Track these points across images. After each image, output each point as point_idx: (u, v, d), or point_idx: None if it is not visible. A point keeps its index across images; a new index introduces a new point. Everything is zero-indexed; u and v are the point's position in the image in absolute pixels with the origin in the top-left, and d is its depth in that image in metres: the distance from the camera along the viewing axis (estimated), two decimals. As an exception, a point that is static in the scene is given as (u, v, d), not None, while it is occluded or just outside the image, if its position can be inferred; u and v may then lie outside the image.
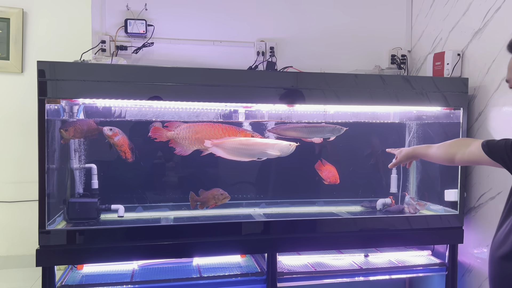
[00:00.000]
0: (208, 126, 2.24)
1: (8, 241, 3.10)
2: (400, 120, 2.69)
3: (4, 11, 3.08)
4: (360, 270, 2.35)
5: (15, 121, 3.08)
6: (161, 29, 2.68)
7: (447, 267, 2.41)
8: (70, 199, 2.27)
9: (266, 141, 2.29)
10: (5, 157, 3.01)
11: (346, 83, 2.22)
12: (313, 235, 2.23)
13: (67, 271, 2.22)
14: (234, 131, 2.24)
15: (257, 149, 2.25)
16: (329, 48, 2.92)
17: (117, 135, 2.21)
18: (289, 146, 2.27)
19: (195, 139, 2.20)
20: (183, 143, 2.21)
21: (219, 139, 2.22)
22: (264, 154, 2.26)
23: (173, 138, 2.20)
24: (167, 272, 2.25)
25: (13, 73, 3.12)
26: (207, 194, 2.32)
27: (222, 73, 2.14)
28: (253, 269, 2.28)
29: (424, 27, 2.87)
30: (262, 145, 2.26)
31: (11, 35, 3.13)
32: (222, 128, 2.24)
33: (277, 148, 2.25)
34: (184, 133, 2.20)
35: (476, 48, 2.41)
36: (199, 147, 2.22)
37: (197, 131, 2.21)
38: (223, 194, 2.31)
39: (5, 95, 3.05)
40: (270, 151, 2.25)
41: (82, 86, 1.89)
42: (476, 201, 2.40)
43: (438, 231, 2.36)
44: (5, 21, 3.14)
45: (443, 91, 2.31)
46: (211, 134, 2.21)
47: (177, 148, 2.23)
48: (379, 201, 2.64)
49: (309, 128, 2.41)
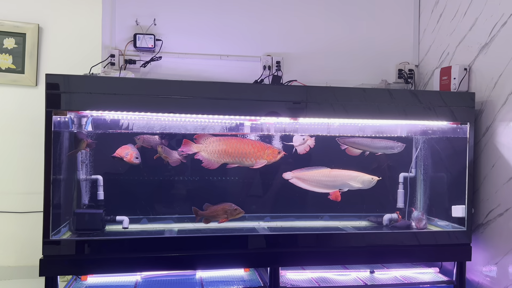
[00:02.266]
0: (237, 141, 2.26)
1: (18, 251, 3.13)
2: (407, 134, 2.66)
3: (21, 27, 3.18)
4: (365, 286, 2.31)
5: (28, 133, 3.14)
6: (169, 44, 2.73)
7: (454, 285, 2.36)
8: (75, 210, 2.30)
9: (348, 174, 2.37)
10: (17, 168, 3.06)
11: (353, 97, 2.22)
12: (317, 250, 2.20)
13: (71, 281, 2.23)
14: (262, 146, 2.27)
15: (339, 181, 2.35)
16: (335, 63, 2.94)
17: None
18: (371, 179, 2.35)
19: (224, 153, 2.22)
20: (211, 157, 2.23)
21: (300, 170, 2.33)
22: (346, 185, 2.36)
23: (200, 151, 2.23)
24: (170, 285, 2.25)
25: (28, 86, 3.20)
26: (216, 209, 2.28)
27: (229, 87, 2.16)
28: (256, 283, 2.26)
29: (431, 42, 2.87)
30: (344, 177, 2.36)
31: (26, 50, 3.22)
32: (251, 143, 2.27)
33: (359, 181, 2.35)
34: (212, 147, 2.23)
35: (483, 63, 2.39)
36: (227, 161, 2.24)
37: (226, 145, 2.23)
38: (237, 209, 2.26)
39: (19, 108, 3.12)
40: (352, 183, 2.34)
41: (89, 99, 1.93)
42: (484, 217, 2.35)
43: (446, 248, 2.32)
44: (21, 36, 3.24)
45: (450, 105, 2.29)
46: (239, 148, 2.24)
47: (204, 161, 2.24)
48: (385, 216, 2.61)
49: (376, 143, 2.48)
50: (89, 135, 2.27)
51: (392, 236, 2.31)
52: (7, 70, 3.10)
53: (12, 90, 3.13)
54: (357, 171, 2.40)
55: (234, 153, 2.23)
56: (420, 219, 2.48)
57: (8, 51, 3.14)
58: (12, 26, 3.11)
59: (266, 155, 2.26)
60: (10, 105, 3.04)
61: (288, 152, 2.37)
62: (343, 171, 2.38)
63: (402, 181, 2.69)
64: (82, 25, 3.16)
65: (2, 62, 3.14)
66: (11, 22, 3.09)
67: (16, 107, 3.10)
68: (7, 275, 3.12)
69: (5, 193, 3.04)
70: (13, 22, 3.09)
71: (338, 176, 2.35)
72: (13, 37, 3.17)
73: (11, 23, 3.09)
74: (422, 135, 2.65)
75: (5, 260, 3.09)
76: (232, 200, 2.40)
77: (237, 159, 2.25)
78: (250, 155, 2.25)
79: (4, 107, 3.01)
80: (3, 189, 3.00)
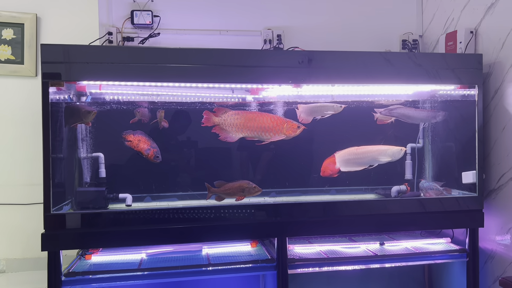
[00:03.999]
0: (255, 115, 2.23)
1: (24, 243, 3.10)
2: (414, 99, 2.59)
3: (19, 17, 3.14)
4: (375, 256, 2.25)
5: (29, 124, 3.10)
6: (167, 20, 2.68)
7: (467, 253, 2.29)
8: (77, 188, 2.26)
9: (376, 149, 2.33)
10: (20, 159, 3.02)
11: (350, 62, 2.16)
12: (324, 219, 2.15)
13: (76, 260, 2.19)
14: (281, 121, 2.22)
15: (369, 157, 2.32)
16: (337, 35, 2.87)
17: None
18: (400, 151, 2.31)
19: (242, 127, 2.19)
20: (229, 130, 2.19)
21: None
22: (376, 161, 2.32)
23: (219, 124, 2.19)
24: (175, 261, 2.20)
25: (27, 77, 3.16)
26: (232, 186, 2.20)
27: (232, 54, 2.10)
28: (264, 256, 2.22)
29: (435, 9, 2.80)
30: (373, 153, 2.31)
31: (25, 40, 3.18)
32: (270, 117, 2.22)
33: (388, 154, 2.31)
34: (231, 120, 2.19)
35: (489, 24, 2.32)
36: (245, 135, 2.21)
37: (245, 119, 2.20)
38: (256, 187, 2.20)
39: (19, 98, 3.07)
40: (382, 157, 2.30)
41: (86, 68, 1.89)
42: (496, 182, 2.29)
43: (457, 215, 2.25)
44: (19, 27, 3.20)
45: (456, 68, 2.22)
46: (257, 122, 2.20)
47: (221, 135, 2.21)
48: (393, 188, 2.54)
49: (419, 112, 2.46)
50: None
51: (400, 204, 2.25)
52: (7, 61, 3.06)
53: (12, 81, 3.09)
54: (382, 145, 2.36)
55: (252, 127, 2.20)
56: (436, 190, 2.40)
57: (7, 42, 3.11)
58: (10, 17, 3.07)
59: (285, 130, 2.22)
60: (10, 96, 3.00)
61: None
62: (369, 147, 2.33)
63: (409, 152, 2.62)
64: (80, 10, 3.12)
65: (2, 53, 3.09)
66: (8, 13, 3.05)
67: (17, 98, 3.06)
68: (14, 267, 3.09)
69: (9, 185, 3.01)
70: (10, 13, 3.05)
71: (366, 152, 2.32)
72: (11, 28, 3.13)
73: (9, 14, 3.05)
74: (429, 101, 2.58)
75: (11, 252, 3.05)
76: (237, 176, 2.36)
77: (255, 133, 2.21)
78: (269, 129, 2.21)
79: (4, 98, 2.98)
80: (7, 181, 2.97)
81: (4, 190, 2.87)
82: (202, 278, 2.26)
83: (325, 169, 2.36)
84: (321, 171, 2.38)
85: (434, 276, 2.69)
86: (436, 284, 2.66)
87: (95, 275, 2.01)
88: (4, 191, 2.86)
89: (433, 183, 2.44)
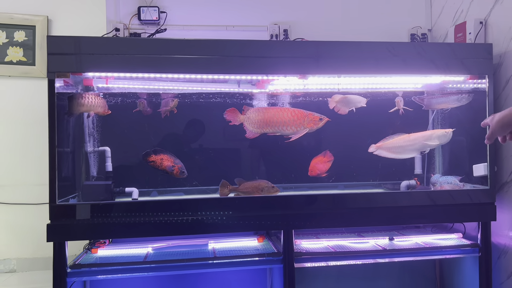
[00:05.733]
0: (276, 110, 2.23)
1: (35, 243, 3.11)
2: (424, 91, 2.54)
3: (30, 19, 3.19)
4: (384, 251, 2.21)
5: (40, 124, 3.12)
6: (173, 16, 2.69)
7: (480, 248, 2.23)
8: (84, 182, 2.26)
9: (423, 134, 2.34)
10: (31, 160, 3.05)
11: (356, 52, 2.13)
12: (331, 211, 2.11)
13: (82, 254, 2.20)
14: (302, 114, 2.21)
15: (419, 143, 2.32)
16: (345, 30, 2.85)
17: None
18: (446, 133, 2.30)
19: (263, 123, 2.20)
20: (252, 127, 2.21)
21: (382, 141, 2.33)
22: (425, 146, 2.33)
23: (243, 121, 2.22)
24: (181, 255, 2.18)
25: (39, 78, 3.20)
26: (251, 185, 2.19)
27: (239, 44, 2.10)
28: (270, 250, 2.19)
29: (444, 2, 2.76)
30: (422, 138, 2.32)
31: (36, 42, 3.22)
32: (291, 111, 2.22)
33: (435, 138, 2.31)
34: (253, 117, 2.20)
35: (499, 14, 2.28)
36: (267, 131, 2.22)
37: (266, 115, 2.21)
38: (274, 187, 2.19)
39: (31, 99, 3.11)
40: (431, 142, 2.31)
41: (90, 60, 1.89)
42: (509, 175, 2.23)
43: (469, 208, 2.20)
44: (31, 29, 3.25)
45: (463, 58, 2.18)
46: (278, 117, 2.20)
47: (247, 131, 2.23)
48: (403, 183, 2.50)
49: (449, 97, 2.43)
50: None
51: (410, 197, 2.20)
52: (19, 63, 3.10)
53: (24, 82, 3.12)
54: (428, 131, 2.39)
55: (273, 122, 2.20)
56: (455, 184, 2.34)
57: (19, 44, 3.15)
58: (22, 19, 3.11)
59: (306, 123, 2.20)
60: (22, 97, 3.04)
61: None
62: (418, 133, 2.34)
63: (419, 146, 2.57)
64: (88, 11, 3.15)
65: (14, 55, 3.14)
66: (20, 15, 3.09)
67: (28, 99, 3.10)
68: (24, 267, 3.10)
69: (20, 185, 3.03)
70: (22, 15, 3.10)
71: (417, 139, 2.32)
72: (23, 30, 3.18)
73: (21, 16, 3.10)
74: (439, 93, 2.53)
75: (22, 252, 3.07)
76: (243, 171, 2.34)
77: (277, 128, 2.21)
78: (290, 123, 2.20)
79: (16, 99, 3.02)
80: (18, 181, 2.99)
81: (16, 190, 2.90)
82: (207, 271, 2.24)
83: (313, 168, 2.32)
84: (309, 170, 2.34)
85: (445, 273, 2.63)
86: (448, 281, 2.59)
87: (101, 267, 2.00)
88: (15, 191, 2.89)
89: (452, 177, 2.38)
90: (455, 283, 2.51)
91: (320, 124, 2.21)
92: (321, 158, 2.33)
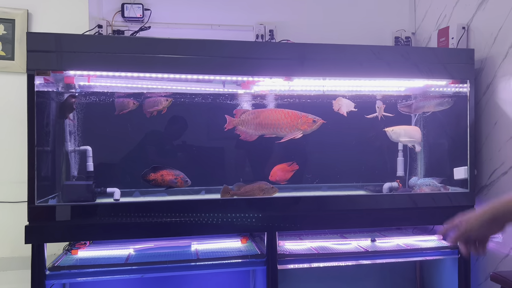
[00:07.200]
0: (270, 112, 2.23)
1: (12, 242, 3.04)
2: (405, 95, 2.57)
3: (9, 12, 3.09)
4: (366, 253, 2.23)
5: (19, 120, 3.04)
6: (158, 14, 2.65)
7: (459, 250, 2.27)
8: (65, 181, 2.22)
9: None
10: (8, 156, 2.98)
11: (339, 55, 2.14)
12: (314, 214, 2.12)
13: (61, 255, 2.15)
14: (295, 116, 2.20)
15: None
16: (330, 31, 2.85)
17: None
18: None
19: (259, 125, 2.19)
20: (248, 130, 2.19)
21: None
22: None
23: (238, 125, 2.20)
24: (164, 257, 2.16)
25: (18, 73, 3.12)
26: (252, 188, 2.19)
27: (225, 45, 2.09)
28: (253, 252, 2.19)
29: (427, 6, 2.80)
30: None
31: (16, 36, 3.14)
32: (284, 113, 2.21)
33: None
34: (248, 120, 2.19)
35: (482, 19, 2.32)
36: (262, 133, 2.21)
37: (260, 117, 2.20)
38: (273, 187, 2.19)
39: (10, 95, 3.03)
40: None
41: (71, 58, 1.85)
42: (488, 178, 2.27)
43: (448, 210, 2.23)
44: (10, 22, 3.15)
45: (445, 63, 2.21)
46: (272, 119, 2.20)
47: (242, 135, 2.21)
48: (385, 185, 2.53)
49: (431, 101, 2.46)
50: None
51: (390, 199, 2.23)
52: (-3, 57, 3.02)
53: (2, 77, 3.04)
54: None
55: (267, 125, 2.19)
56: (434, 186, 2.37)
57: (-3, 37, 3.08)
58: (1, 12, 3.03)
59: (299, 124, 2.19)
60: (0, 92, 2.96)
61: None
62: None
63: (401, 148, 2.61)
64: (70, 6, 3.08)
65: (-8, 49, 3.07)
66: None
67: (7, 94, 3.02)
68: (1, 266, 3.03)
69: (-1, 183, 2.96)
70: (1, 8, 3.01)
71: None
72: (2, 23, 3.09)
73: (0, 10, 3.01)
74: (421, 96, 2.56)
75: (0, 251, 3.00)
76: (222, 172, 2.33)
77: (272, 130, 2.20)
78: (284, 125, 2.19)
79: (-5, 95, 2.94)
80: (-3, 178, 2.92)
81: (-6, 188, 2.82)
82: (190, 273, 2.22)
83: (274, 174, 2.30)
84: (270, 174, 2.33)
85: (425, 274, 2.67)
86: (428, 282, 2.64)
87: (81, 269, 1.97)
88: (-7, 189, 2.81)
89: (430, 179, 2.41)
90: (435, 284, 2.56)
91: (314, 126, 2.21)
92: (285, 166, 2.32)
